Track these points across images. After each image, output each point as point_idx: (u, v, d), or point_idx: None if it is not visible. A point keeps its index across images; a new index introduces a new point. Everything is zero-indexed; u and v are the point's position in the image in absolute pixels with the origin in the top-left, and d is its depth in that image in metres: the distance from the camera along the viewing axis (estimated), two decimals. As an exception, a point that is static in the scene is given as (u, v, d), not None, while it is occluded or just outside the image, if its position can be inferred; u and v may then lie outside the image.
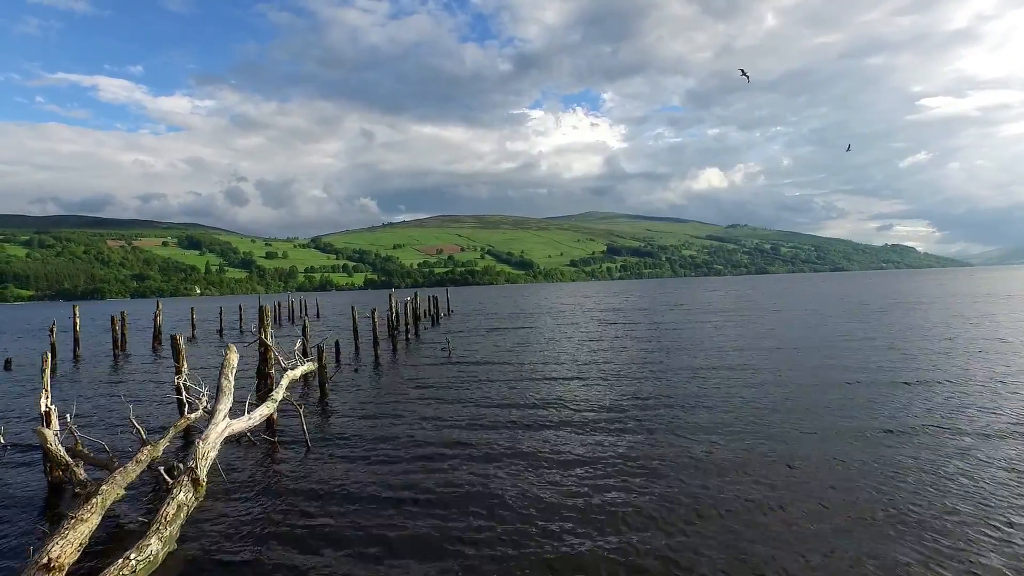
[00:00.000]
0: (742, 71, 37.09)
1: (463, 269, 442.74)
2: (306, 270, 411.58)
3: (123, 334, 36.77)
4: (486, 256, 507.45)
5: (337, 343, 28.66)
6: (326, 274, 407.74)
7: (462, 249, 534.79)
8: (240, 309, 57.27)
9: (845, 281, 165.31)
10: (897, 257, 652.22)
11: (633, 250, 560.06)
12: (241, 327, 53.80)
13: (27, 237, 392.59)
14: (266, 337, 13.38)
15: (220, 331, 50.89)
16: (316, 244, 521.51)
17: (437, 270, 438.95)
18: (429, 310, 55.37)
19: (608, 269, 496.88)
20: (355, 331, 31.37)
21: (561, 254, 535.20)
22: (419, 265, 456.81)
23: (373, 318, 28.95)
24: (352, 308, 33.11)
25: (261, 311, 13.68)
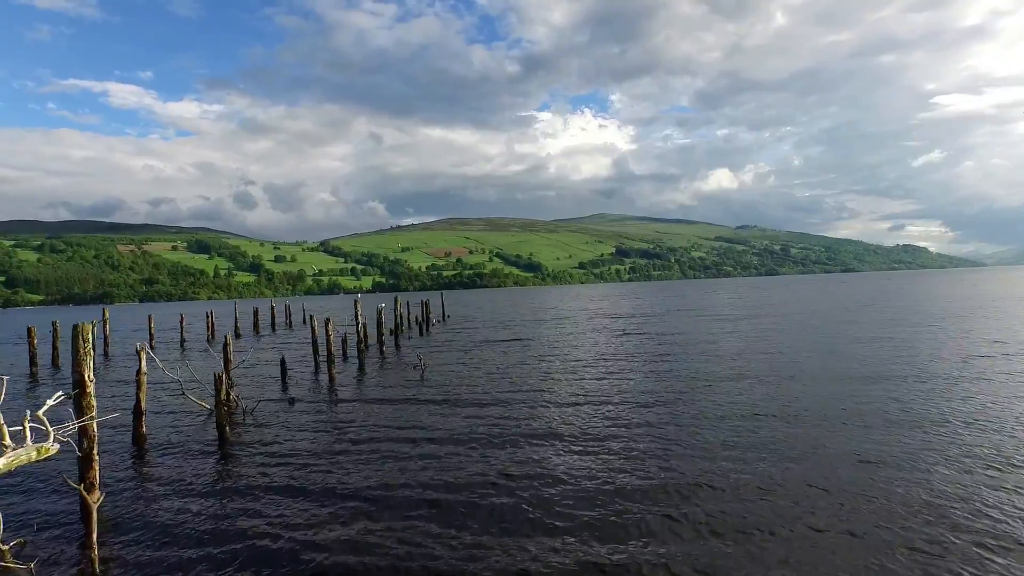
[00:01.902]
0: None
1: (471, 272, 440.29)
2: (314, 274, 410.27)
3: (55, 347, 32.84)
4: (494, 259, 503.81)
5: (283, 361, 24.02)
6: (334, 277, 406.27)
7: (470, 252, 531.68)
8: (208, 316, 52.74)
9: (865, 282, 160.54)
10: (909, 258, 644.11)
11: (642, 252, 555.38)
12: (210, 336, 49.90)
13: (39, 242, 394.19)
14: (87, 373, 8.56)
15: (182, 342, 46.94)
16: (325, 247, 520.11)
17: (445, 273, 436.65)
18: (421, 316, 51.98)
19: (617, 271, 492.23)
20: (314, 346, 26.49)
21: (570, 256, 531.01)
22: (427, 268, 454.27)
23: (327, 329, 23.45)
24: (311, 317, 28.25)
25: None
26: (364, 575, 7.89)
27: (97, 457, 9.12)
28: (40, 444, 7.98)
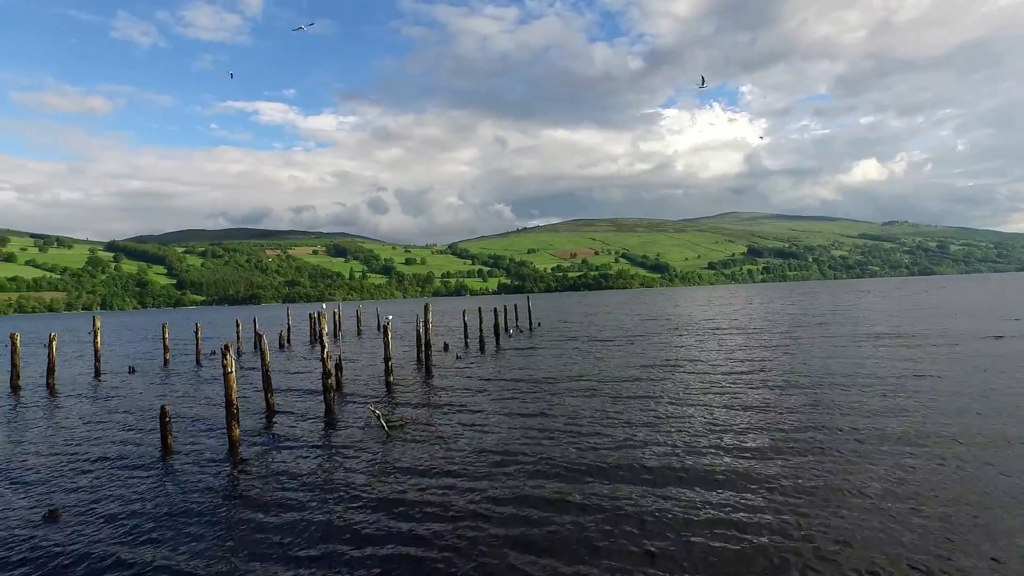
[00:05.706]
0: None
1: (597, 273, 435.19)
2: (442, 275, 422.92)
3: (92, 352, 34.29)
4: (620, 259, 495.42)
5: (163, 413, 15.34)
6: (461, 279, 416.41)
7: (596, 253, 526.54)
8: (251, 322, 48.54)
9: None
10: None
11: (776, 251, 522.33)
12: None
13: (203, 248, 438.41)
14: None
15: (198, 356, 38.40)
16: (453, 250, 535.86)
17: (571, 274, 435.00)
18: (500, 324, 43.67)
19: (749, 272, 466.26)
20: (265, 379, 17.43)
21: (699, 256, 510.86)
22: (552, 269, 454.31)
23: (226, 360, 14.70)
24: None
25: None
26: None
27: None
28: None
